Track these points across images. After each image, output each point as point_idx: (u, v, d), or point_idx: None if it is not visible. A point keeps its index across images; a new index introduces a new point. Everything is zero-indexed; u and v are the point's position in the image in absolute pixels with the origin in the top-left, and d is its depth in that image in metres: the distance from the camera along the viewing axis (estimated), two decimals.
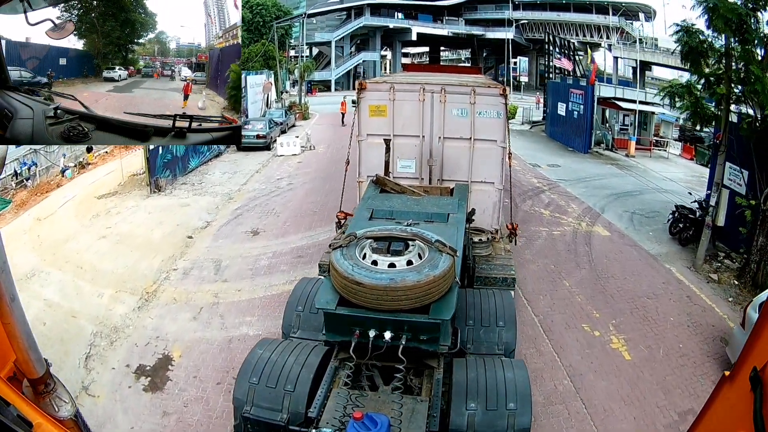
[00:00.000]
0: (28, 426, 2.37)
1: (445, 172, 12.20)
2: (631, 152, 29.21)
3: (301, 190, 20.37)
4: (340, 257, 5.92)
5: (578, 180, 22.64)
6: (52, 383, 2.79)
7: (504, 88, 11.67)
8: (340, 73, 76.29)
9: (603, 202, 19.14)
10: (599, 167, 25.89)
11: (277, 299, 11.05)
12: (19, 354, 2.63)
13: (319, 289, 6.29)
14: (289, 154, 28.53)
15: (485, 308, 7.86)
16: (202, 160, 25.31)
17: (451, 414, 5.71)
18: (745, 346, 2.40)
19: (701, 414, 2.81)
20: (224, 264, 13.32)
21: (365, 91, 12.11)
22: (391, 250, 6.08)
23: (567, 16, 72.43)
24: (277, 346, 6.61)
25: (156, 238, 14.83)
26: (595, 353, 9.74)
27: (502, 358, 6.83)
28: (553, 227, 16.20)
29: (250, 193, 20.11)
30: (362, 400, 5.60)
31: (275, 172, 24.14)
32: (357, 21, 76.91)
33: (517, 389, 5.89)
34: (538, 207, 18.27)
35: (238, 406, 6.01)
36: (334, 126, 39.49)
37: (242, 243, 14.71)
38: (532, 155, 28.26)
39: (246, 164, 25.71)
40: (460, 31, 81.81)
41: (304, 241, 14.75)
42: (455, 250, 6.04)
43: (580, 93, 30.77)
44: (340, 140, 30.86)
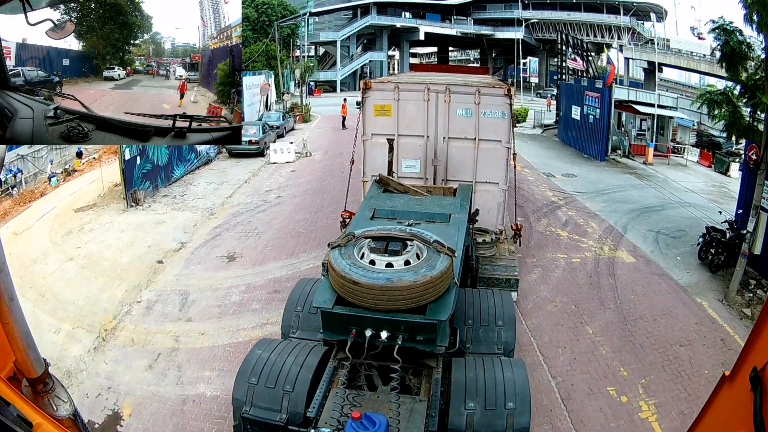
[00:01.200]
0: (28, 426, 2.36)
1: (449, 172, 12.20)
2: (649, 160, 28.25)
3: (289, 204, 19.51)
4: (338, 256, 5.96)
5: (596, 193, 21.66)
6: (51, 383, 2.76)
7: (509, 88, 11.64)
8: (345, 73, 75.30)
9: (625, 219, 18.09)
10: (617, 177, 24.85)
11: (242, 349, 9.94)
12: (18, 354, 2.61)
13: (318, 288, 6.33)
14: (282, 161, 27.15)
15: (484, 308, 7.86)
16: (189, 169, 24.35)
17: (450, 413, 5.71)
18: (744, 346, 2.35)
19: (701, 414, 2.73)
20: (191, 298, 12.33)
21: (370, 90, 12.20)
22: (388, 250, 6.10)
23: (577, 16, 71.68)
24: (276, 347, 6.63)
25: (124, 262, 14.05)
26: (622, 427, 8.73)
27: (501, 358, 6.86)
28: (572, 253, 14.99)
29: (234, 207, 19.17)
30: (361, 400, 5.62)
31: (265, 182, 23.15)
32: (363, 20, 75.91)
33: (516, 389, 5.88)
34: (555, 227, 17.17)
35: (237, 406, 6.03)
36: (334, 130, 38.07)
37: (215, 271, 13.76)
38: (546, 163, 27.25)
39: (235, 173, 24.77)
40: (469, 30, 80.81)
41: (283, 271, 13.67)
42: (453, 251, 6.03)
43: (596, 96, 29.36)
44: (340, 145, 30.69)
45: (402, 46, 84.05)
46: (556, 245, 15.22)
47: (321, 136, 35.77)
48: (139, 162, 18.97)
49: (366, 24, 76.23)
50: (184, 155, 23.58)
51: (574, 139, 32.24)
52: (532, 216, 17.70)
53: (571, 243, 15.50)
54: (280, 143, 28.35)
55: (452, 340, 6.61)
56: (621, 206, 19.29)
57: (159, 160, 20.89)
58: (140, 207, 18.48)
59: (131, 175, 18.57)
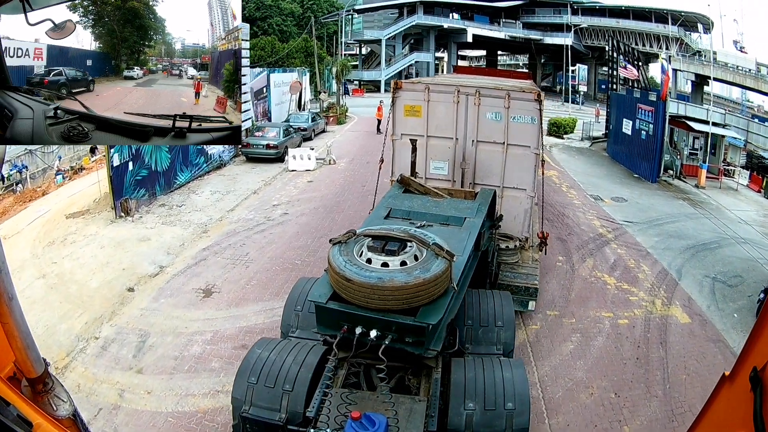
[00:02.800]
0: (28, 426, 2.45)
1: (477, 176, 12.24)
2: (702, 183, 26.56)
3: (293, 225, 18.00)
4: (337, 253, 6.05)
5: (649, 223, 19.83)
6: (51, 383, 2.87)
7: (539, 92, 11.53)
8: (391, 73, 74.16)
9: (679, 260, 16.20)
10: (670, 204, 23.14)
11: (185, 423, 8.85)
12: (18, 354, 2.72)
13: (316, 282, 6.54)
14: (301, 169, 25.53)
15: (484, 308, 7.93)
16: (196, 174, 23.17)
17: (450, 414, 5.90)
18: (744, 346, 2.45)
19: (701, 414, 2.83)
20: (150, 341, 11.08)
21: (400, 90, 12.41)
22: (385, 250, 6.09)
23: (626, 24, 70.94)
24: (275, 346, 6.73)
25: (93, 287, 13.09)
26: None
27: (501, 358, 6.93)
28: (618, 310, 13.01)
29: (231, 225, 17.92)
30: (360, 399, 5.77)
31: (275, 194, 21.72)
32: (409, 19, 75.97)
33: (515, 389, 6.01)
34: (602, 270, 15.26)
35: (237, 405, 6.21)
36: (368, 134, 36.79)
37: (185, 308, 12.40)
38: (593, 184, 25.77)
39: (246, 181, 23.34)
40: (518, 34, 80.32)
41: (259, 318, 11.98)
42: (452, 255, 6.05)
43: (649, 109, 27.35)
44: (369, 152, 29.11)
45: (449, 47, 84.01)
46: (601, 298, 13.56)
47: (351, 140, 34.86)
48: (132, 168, 18.19)
49: (412, 23, 76.52)
50: (191, 159, 22.86)
51: (624, 156, 30.81)
52: (575, 254, 16.20)
53: (618, 295, 13.79)
54: (299, 149, 27.13)
55: (452, 340, 6.87)
56: (675, 242, 17.76)
57: (158, 165, 20.18)
58: (130, 218, 17.58)
59: (121, 182, 17.73)
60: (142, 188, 18.58)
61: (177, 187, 21.17)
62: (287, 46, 51.52)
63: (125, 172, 17.66)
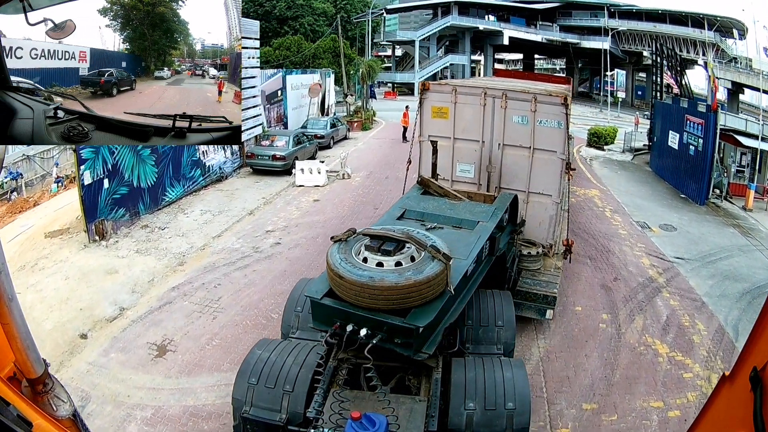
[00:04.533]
0: (27, 426, 2.50)
1: (503, 180, 12.01)
2: (749, 205, 24.12)
3: (282, 260, 15.73)
4: (335, 251, 6.26)
5: (701, 260, 17.53)
6: (51, 383, 2.93)
7: (565, 96, 11.30)
8: (424, 75, 72.15)
9: (735, 312, 13.85)
10: (721, 232, 20.78)
11: None
12: (18, 354, 2.78)
13: (315, 279, 6.79)
14: (309, 184, 23.19)
15: (484, 308, 7.88)
16: (190, 189, 21.14)
17: (450, 414, 5.94)
18: (744, 346, 2.48)
19: (701, 414, 2.82)
20: (88, 409, 9.17)
21: (428, 92, 12.36)
22: (381, 250, 6.18)
23: (663, 28, 68.09)
24: (276, 347, 6.84)
25: (47, 329, 11.56)
26: None
27: (501, 358, 6.93)
28: (670, 395, 10.26)
29: (212, 256, 15.90)
30: (361, 400, 5.80)
31: (273, 216, 19.48)
32: (443, 20, 74.61)
33: (515, 389, 5.98)
34: (653, 334, 12.54)
35: (237, 406, 6.31)
36: (393, 142, 35.27)
37: (134, 370, 10.58)
38: (639, 206, 23.45)
39: (244, 198, 21.33)
40: (554, 37, 78.31)
41: (211, 395, 9.67)
42: (449, 258, 6.14)
43: (699, 122, 24.81)
44: (391, 164, 27.44)
45: (485, 50, 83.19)
46: (651, 378, 10.91)
47: (373, 149, 33.58)
48: (108, 186, 16.71)
49: (446, 24, 75.84)
50: (185, 172, 21.44)
51: (670, 173, 28.88)
52: (622, 309, 13.63)
53: (671, 371, 11.27)
54: (309, 161, 25.16)
55: (452, 340, 6.88)
56: (730, 286, 15.78)
57: (142, 181, 18.85)
58: (104, 242, 16.08)
59: (94, 202, 16.26)
60: (121, 208, 17.31)
61: (166, 204, 20.01)
62: (312, 45, 48.93)
63: (99, 191, 16.30)
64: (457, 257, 6.89)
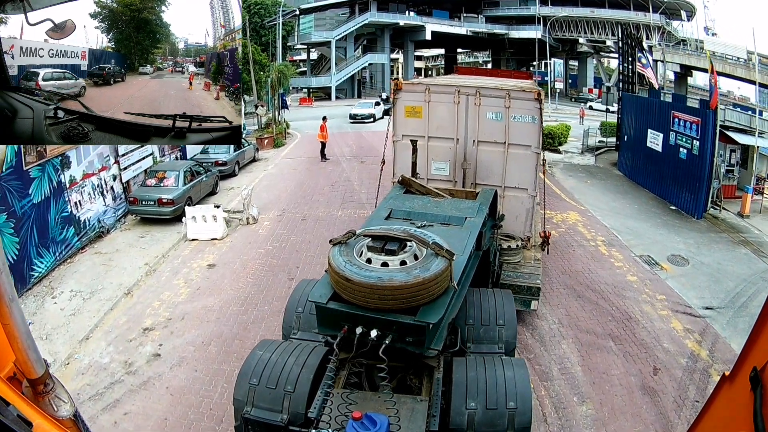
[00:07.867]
0: (28, 426, 2.52)
1: (479, 176, 12.40)
2: (746, 210, 21.37)
3: (162, 392, 10.16)
4: (337, 253, 6.22)
5: (732, 305, 13.75)
6: (51, 383, 2.95)
7: (538, 92, 11.69)
8: (342, 78, 70.12)
9: None
10: (734, 255, 17.37)
11: None
12: (19, 354, 2.80)
13: (317, 283, 6.64)
14: (205, 237, 17.96)
15: (485, 307, 8.00)
16: (63, 255, 15.95)
17: (451, 413, 5.99)
18: (744, 346, 2.47)
19: (701, 414, 2.82)
20: None
21: (401, 91, 12.57)
22: (385, 250, 6.21)
23: (602, 13, 67.82)
24: (277, 347, 6.92)
25: None
26: None
27: (503, 357, 7.02)
28: None
29: (77, 379, 10.60)
30: (362, 400, 5.83)
31: (154, 299, 14.10)
32: (361, 17, 70.65)
33: (517, 388, 6.02)
34: None
35: (239, 407, 6.39)
36: (310, 161, 30.24)
37: None
38: (632, 230, 19.48)
39: (123, 267, 15.98)
40: (481, 29, 77.06)
41: None
42: (452, 254, 6.18)
43: (693, 121, 21.10)
44: (309, 197, 23.01)
45: (406, 47, 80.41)
46: None
47: (286, 174, 27.76)
48: None
49: (365, 22, 71.83)
50: (54, 235, 16.04)
51: (651, 179, 25.25)
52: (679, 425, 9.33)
53: None
54: (201, 207, 19.06)
55: (453, 339, 7.05)
56: None
57: None
58: None
59: None
60: None
61: (36, 281, 15.03)
62: None
63: None
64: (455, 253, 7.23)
